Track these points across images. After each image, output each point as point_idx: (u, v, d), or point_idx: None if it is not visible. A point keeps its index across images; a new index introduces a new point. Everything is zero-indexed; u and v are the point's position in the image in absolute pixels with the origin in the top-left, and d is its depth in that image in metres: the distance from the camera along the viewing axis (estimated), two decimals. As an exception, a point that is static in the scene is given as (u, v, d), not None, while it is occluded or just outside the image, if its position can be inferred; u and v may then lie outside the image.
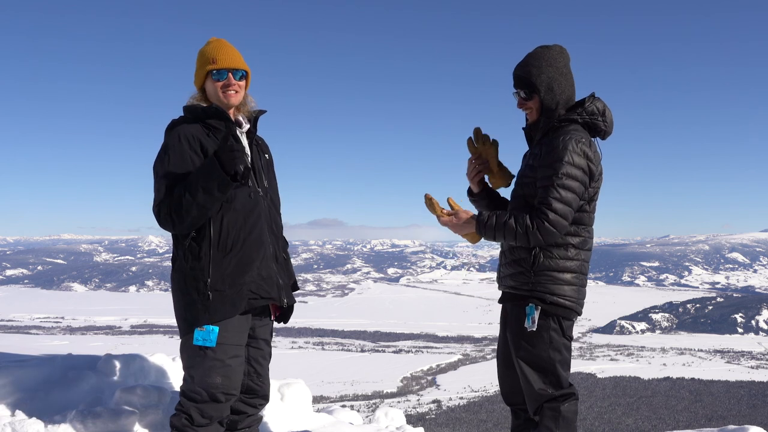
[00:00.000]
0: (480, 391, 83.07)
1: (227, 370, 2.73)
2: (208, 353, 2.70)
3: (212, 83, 2.82)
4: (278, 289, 2.89)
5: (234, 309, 2.73)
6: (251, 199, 2.81)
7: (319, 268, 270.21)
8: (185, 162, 2.70)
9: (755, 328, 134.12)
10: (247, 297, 2.77)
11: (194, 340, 2.69)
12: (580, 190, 2.77)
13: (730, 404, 75.37)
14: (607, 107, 2.95)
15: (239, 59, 2.86)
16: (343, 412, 5.06)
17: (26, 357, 4.26)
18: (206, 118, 2.81)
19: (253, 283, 2.78)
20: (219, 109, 2.81)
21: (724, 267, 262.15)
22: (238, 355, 2.78)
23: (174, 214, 2.64)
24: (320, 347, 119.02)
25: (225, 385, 2.73)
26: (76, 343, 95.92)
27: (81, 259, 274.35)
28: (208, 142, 2.75)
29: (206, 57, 2.84)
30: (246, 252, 2.76)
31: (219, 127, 2.80)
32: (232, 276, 2.73)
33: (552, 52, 2.91)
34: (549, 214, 2.72)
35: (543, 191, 2.76)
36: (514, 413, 3.15)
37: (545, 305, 2.82)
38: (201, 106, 2.83)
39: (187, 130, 2.76)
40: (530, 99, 2.92)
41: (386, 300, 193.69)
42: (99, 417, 3.48)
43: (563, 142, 2.77)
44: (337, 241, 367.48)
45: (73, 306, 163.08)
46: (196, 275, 2.72)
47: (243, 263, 2.75)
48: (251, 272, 2.77)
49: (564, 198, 2.73)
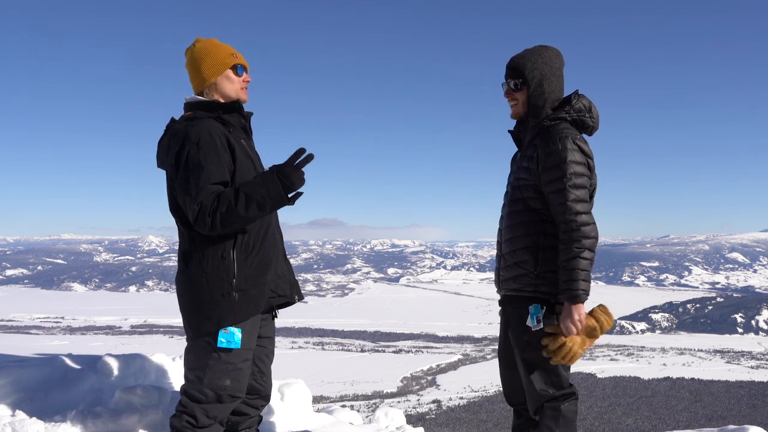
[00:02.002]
0: (480, 391, 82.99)
1: (238, 373, 2.71)
2: (222, 356, 2.66)
3: (232, 77, 2.79)
4: (290, 287, 2.91)
5: (257, 308, 2.72)
6: None
7: (319, 268, 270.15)
8: (220, 158, 2.61)
9: (755, 328, 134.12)
10: (268, 296, 2.77)
11: (218, 343, 2.64)
12: (588, 184, 2.79)
13: (730, 404, 75.33)
14: (592, 103, 2.95)
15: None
16: (343, 412, 5.05)
17: (26, 357, 4.26)
18: (225, 113, 2.75)
19: (272, 282, 2.78)
20: (242, 108, 2.80)
21: (724, 267, 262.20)
22: (249, 358, 2.76)
23: (219, 221, 2.53)
24: (320, 347, 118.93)
25: (233, 387, 2.71)
26: (76, 343, 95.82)
27: (81, 259, 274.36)
28: (232, 139, 2.70)
29: (226, 50, 2.80)
30: (265, 251, 2.74)
31: (234, 123, 2.77)
32: (255, 276, 2.71)
33: (549, 52, 2.93)
34: (577, 219, 2.72)
35: (558, 196, 2.75)
36: (516, 413, 3.15)
37: (549, 305, 2.82)
38: (218, 101, 2.78)
39: (213, 126, 2.67)
40: (518, 91, 2.91)
41: (386, 300, 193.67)
42: (99, 417, 3.48)
43: (561, 142, 2.76)
44: (337, 241, 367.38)
45: (73, 306, 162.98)
46: (220, 275, 2.64)
47: (264, 263, 2.74)
48: (271, 271, 2.77)
49: (580, 197, 2.74)
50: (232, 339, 2.65)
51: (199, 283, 2.66)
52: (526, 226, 2.86)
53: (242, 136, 2.80)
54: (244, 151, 2.75)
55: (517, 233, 2.89)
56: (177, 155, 2.62)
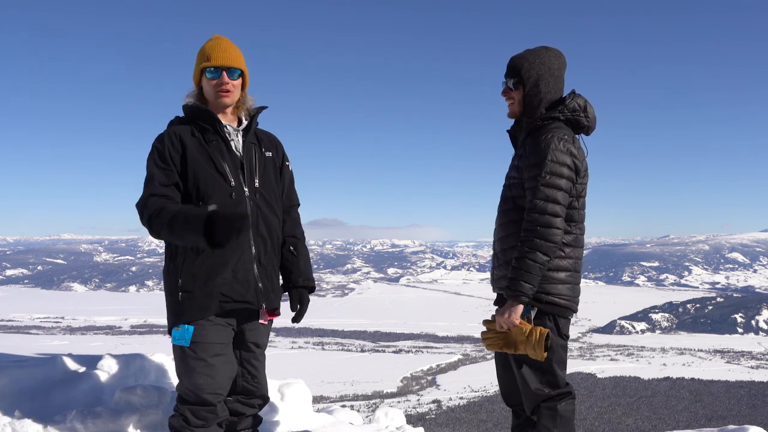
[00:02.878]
0: (480, 391, 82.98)
1: (210, 369, 2.70)
2: (188, 352, 2.69)
3: (207, 81, 2.77)
4: (256, 293, 2.78)
5: (203, 311, 2.68)
6: (232, 200, 2.73)
7: (319, 268, 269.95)
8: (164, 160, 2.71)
9: (755, 328, 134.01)
10: (218, 299, 2.70)
11: (172, 339, 2.70)
12: (567, 186, 2.76)
13: (730, 404, 75.30)
14: (588, 103, 2.94)
15: (235, 58, 2.77)
16: (343, 412, 5.05)
17: (26, 357, 4.26)
18: (195, 118, 2.78)
19: (225, 286, 2.70)
20: (207, 111, 2.77)
21: (724, 267, 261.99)
22: (221, 353, 2.73)
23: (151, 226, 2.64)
24: (320, 347, 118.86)
25: (209, 384, 2.70)
26: (76, 343, 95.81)
27: (81, 259, 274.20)
28: (190, 140, 2.74)
29: (203, 54, 2.79)
30: (220, 253, 2.64)
31: (208, 127, 2.78)
32: (204, 277, 2.68)
33: (549, 53, 2.93)
34: (539, 218, 2.71)
35: (530, 193, 2.76)
36: (515, 413, 3.15)
37: (541, 305, 2.82)
38: (191, 106, 2.79)
39: (173, 129, 2.77)
40: (515, 89, 2.92)
41: (386, 300, 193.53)
42: (99, 417, 3.48)
43: (545, 141, 2.76)
44: (337, 241, 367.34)
45: (73, 306, 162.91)
46: (170, 276, 2.73)
47: (216, 264, 2.69)
48: (224, 274, 2.70)
49: (551, 197, 2.72)
50: (183, 336, 2.67)
51: (163, 282, 2.80)
52: (516, 225, 2.86)
53: (213, 138, 2.79)
54: (203, 151, 2.75)
55: (508, 232, 2.90)
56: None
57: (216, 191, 2.71)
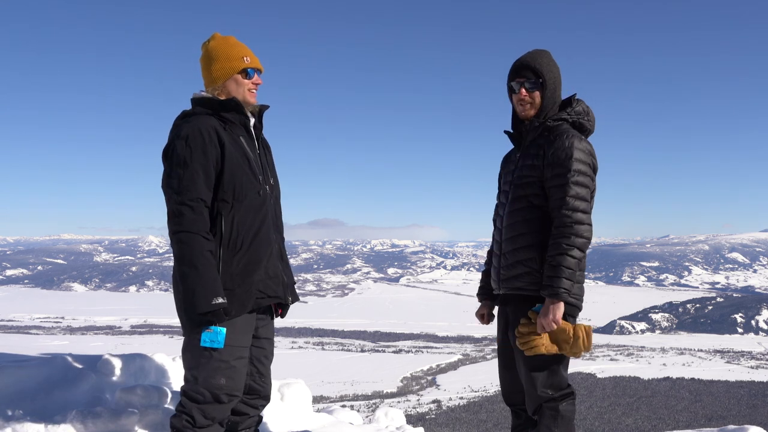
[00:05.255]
0: (480, 391, 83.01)
1: (232, 371, 2.70)
2: (213, 354, 2.66)
3: (240, 80, 2.80)
4: (284, 288, 2.88)
5: (242, 308, 2.70)
6: (260, 197, 2.78)
7: (319, 268, 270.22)
8: (207, 156, 2.64)
9: (755, 328, 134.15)
10: (255, 296, 2.74)
11: (201, 342, 2.63)
12: (592, 185, 2.82)
13: (730, 404, 75.32)
14: (589, 107, 3.00)
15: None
16: (343, 412, 5.06)
17: (26, 357, 4.25)
18: (223, 111, 2.77)
19: (261, 282, 2.76)
20: (239, 103, 2.79)
21: (724, 267, 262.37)
22: (243, 356, 2.75)
23: (177, 238, 2.59)
24: (320, 347, 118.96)
25: (229, 386, 2.70)
26: (76, 343, 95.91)
27: (81, 259, 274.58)
28: (225, 135, 2.72)
29: (238, 52, 2.81)
30: (254, 251, 2.72)
31: (234, 120, 2.78)
32: (242, 275, 2.70)
33: (551, 56, 2.96)
34: (573, 215, 2.74)
35: (558, 191, 2.77)
36: (515, 413, 3.16)
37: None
38: (217, 99, 2.79)
39: (204, 122, 2.70)
40: (534, 91, 2.92)
41: (386, 300, 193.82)
42: (99, 417, 3.48)
43: (569, 140, 2.80)
44: (337, 241, 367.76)
45: (73, 306, 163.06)
46: None
47: (252, 262, 2.73)
48: (259, 271, 2.75)
49: (581, 195, 2.76)
50: (215, 338, 2.63)
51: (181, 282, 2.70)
52: (528, 224, 2.87)
53: (241, 134, 2.80)
54: (238, 148, 2.75)
55: (519, 231, 2.90)
56: (166, 149, 2.69)
57: (249, 190, 2.74)
